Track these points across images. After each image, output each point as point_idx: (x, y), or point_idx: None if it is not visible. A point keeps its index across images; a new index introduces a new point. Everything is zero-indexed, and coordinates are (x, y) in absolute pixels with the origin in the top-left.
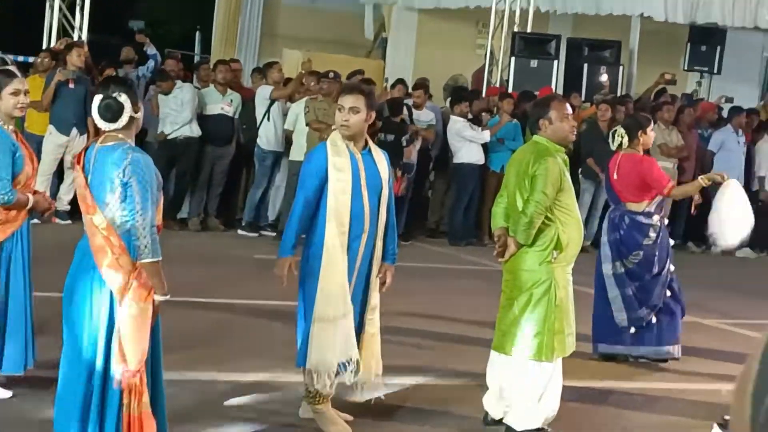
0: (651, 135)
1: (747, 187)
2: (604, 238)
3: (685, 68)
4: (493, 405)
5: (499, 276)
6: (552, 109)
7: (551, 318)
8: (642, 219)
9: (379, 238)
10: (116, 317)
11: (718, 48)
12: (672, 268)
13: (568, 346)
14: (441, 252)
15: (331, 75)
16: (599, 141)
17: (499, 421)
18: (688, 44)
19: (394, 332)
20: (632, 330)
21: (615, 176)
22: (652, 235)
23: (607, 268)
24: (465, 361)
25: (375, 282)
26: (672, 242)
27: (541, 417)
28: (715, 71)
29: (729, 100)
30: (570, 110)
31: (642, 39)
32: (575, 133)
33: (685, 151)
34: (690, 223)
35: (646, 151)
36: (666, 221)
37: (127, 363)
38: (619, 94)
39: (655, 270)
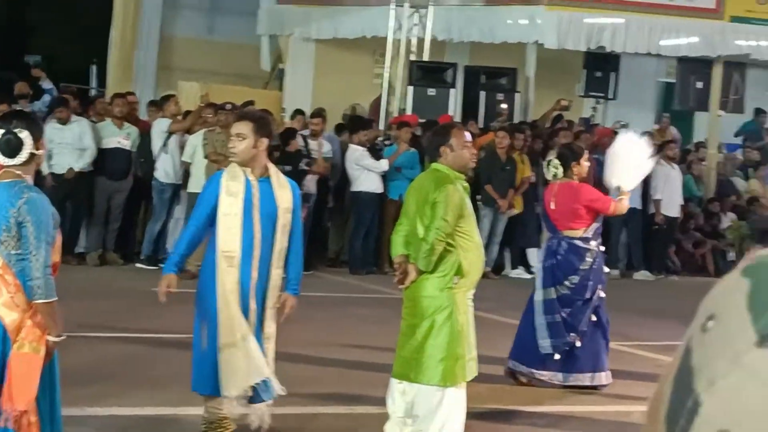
0: (585, 165)
1: (644, 210)
2: (539, 265)
3: (581, 94)
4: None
5: (401, 303)
6: (452, 136)
7: (454, 344)
8: (580, 243)
9: (275, 266)
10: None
11: (613, 74)
12: (602, 294)
13: (469, 371)
14: (342, 281)
15: (229, 107)
16: (497, 168)
17: None
18: (584, 70)
19: (296, 360)
20: (556, 356)
21: (552, 206)
22: (589, 260)
23: (538, 295)
24: (367, 388)
25: (271, 311)
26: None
27: None
28: (611, 97)
29: (624, 125)
30: (469, 138)
31: (538, 66)
32: (475, 160)
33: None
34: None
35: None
36: (602, 248)
37: (14, 403)
38: (516, 120)
39: (588, 295)
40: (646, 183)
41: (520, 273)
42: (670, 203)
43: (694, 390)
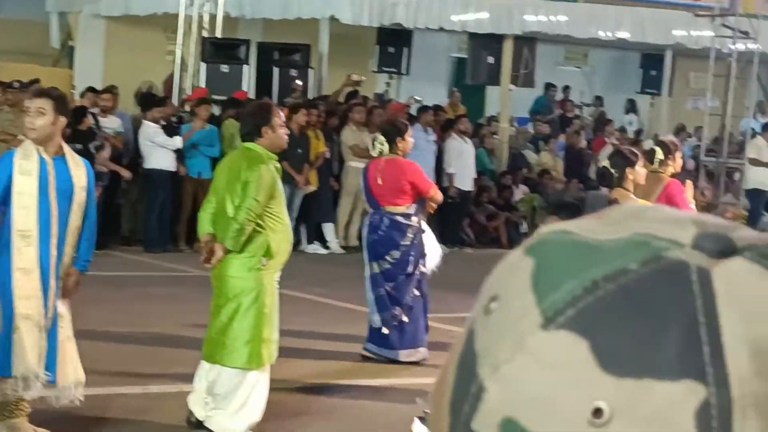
0: (409, 141)
1: (438, 183)
2: (364, 242)
3: (375, 70)
4: (199, 405)
5: (198, 281)
6: (274, 116)
7: (260, 326)
8: (401, 219)
9: (69, 244)
10: None
11: (406, 49)
12: (424, 269)
13: (273, 353)
14: (137, 260)
15: (16, 85)
16: (292, 144)
17: (202, 424)
18: (377, 46)
19: (92, 339)
20: (385, 330)
21: (379, 181)
22: (410, 235)
23: (366, 270)
24: (163, 367)
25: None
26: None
27: (245, 423)
28: (404, 72)
29: (419, 100)
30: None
31: (331, 42)
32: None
33: None
34: None
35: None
36: (423, 222)
37: None
38: (310, 97)
39: (410, 270)
40: (440, 157)
41: (316, 248)
42: (464, 177)
43: (478, 375)
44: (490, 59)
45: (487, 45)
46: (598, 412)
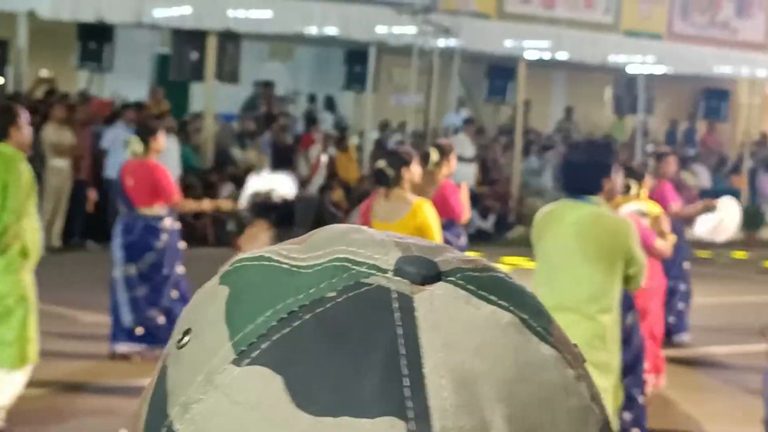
0: (162, 141)
1: None
2: (116, 243)
3: (77, 66)
4: None
5: None
6: (19, 116)
7: (27, 326)
8: (154, 223)
9: None
10: None
11: (108, 45)
12: (181, 270)
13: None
14: None
15: None
16: None
17: None
18: (78, 42)
19: None
20: (139, 331)
21: (129, 182)
22: (164, 237)
23: (118, 272)
24: None
25: None
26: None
27: None
28: (106, 68)
29: (121, 97)
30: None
31: (32, 37)
32: None
33: (78, 150)
34: (90, 221)
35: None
36: (177, 224)
37: None
38: (9, 93)
39: (165, 272)
40: None
41: None
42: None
43: (168, 417)
44: (194, 55)
45: (190, 41)
46: None
